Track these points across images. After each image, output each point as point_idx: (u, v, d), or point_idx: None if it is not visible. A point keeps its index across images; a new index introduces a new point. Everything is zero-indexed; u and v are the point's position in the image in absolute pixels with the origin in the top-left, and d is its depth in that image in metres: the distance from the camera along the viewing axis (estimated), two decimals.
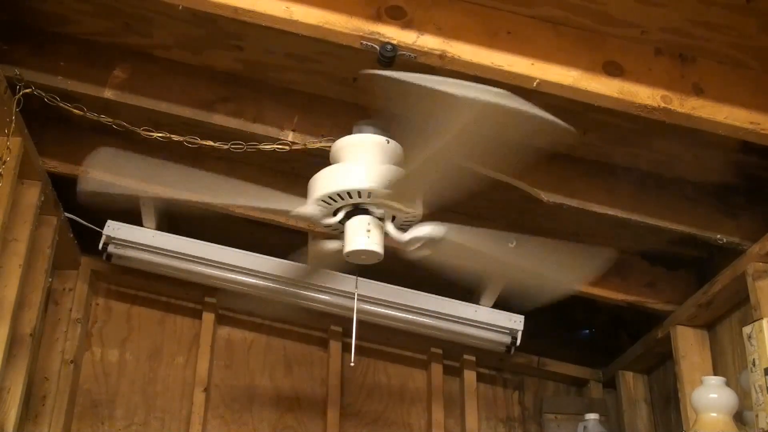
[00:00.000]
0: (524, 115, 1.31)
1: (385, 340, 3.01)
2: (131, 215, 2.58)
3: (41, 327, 2.59)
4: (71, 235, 2.68)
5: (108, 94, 2.07)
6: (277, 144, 2.09)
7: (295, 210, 1.80)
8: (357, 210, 1.80)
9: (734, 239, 2.13)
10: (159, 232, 2.59)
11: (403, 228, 1.80)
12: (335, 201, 1.77)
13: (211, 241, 2.59)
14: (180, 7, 1.67)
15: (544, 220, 2.37)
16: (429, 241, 1.79)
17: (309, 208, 1.79)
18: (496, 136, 1.41)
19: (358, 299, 2.02)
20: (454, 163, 1.57)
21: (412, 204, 1.74)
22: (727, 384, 2.12)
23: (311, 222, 1.84)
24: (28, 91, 2.05)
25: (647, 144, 2.03)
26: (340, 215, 1.81)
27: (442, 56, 1.64)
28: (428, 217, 1.79)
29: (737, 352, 2.28)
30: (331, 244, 1.87)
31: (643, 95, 1.68)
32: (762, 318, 1.95)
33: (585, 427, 2.77)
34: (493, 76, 1.67)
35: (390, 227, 1.80)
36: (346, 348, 2.96)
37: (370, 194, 1.73)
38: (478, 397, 3.00)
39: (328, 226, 1.83)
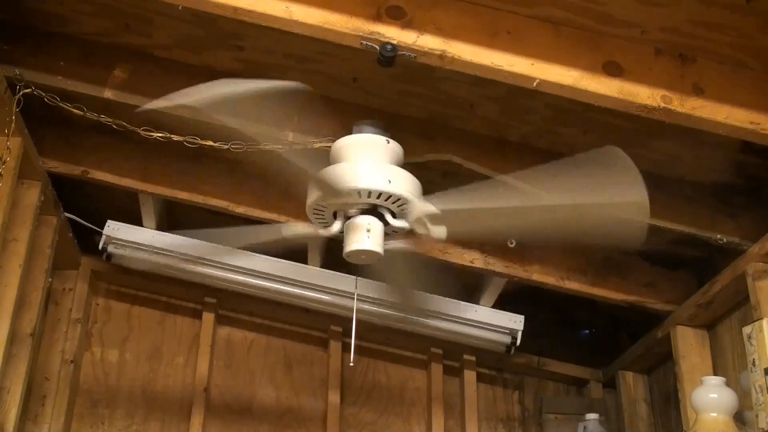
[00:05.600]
0: (254, 91, 1.38)
1: (385, 340, 3.01)
2: (131, 215, 2.58)
3: (41, 327, 2.59)
4: (71, 235, 2.68)
5: (108, 94, 2.07)
6: (277, 144, 2.09)
7: (288, 231, 1.80)
8: (357, 211, 1.80)
9: (734, 239, 2.13)
10: (159, 232, 2.59)
11: (404, 216, 1.81)
12: (325, 208, 1.77)
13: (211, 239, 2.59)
14: (180, 7, 1.67)
15: None
16: (433, 218, 1.78)
17: (300, 227, 1.80)
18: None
19: (358, 299, 2.02)
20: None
21: (339, 193, 1.74)
22: (727, 384, 2.12)
23: (309, 238, 1.84)
24: (28, 91, 2.05)
25: (647, 144, 2.03)
26: (341, 220, 1.81)
27: (442, 56, 1.64)
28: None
29: (737, 352, 2.28)
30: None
31: (643, 95, 1.68)
32: (762, 318, 1.95)
33: (585, 427, 2.77)
34: (493, 76, 1.67)
35: (393, 221, 1.80)
36: (346, 348, 2.96)
37: (361, 194, 1.73)
38: (478, 397, 3.00)
39: (336, 234, 1.83)
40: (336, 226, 1.82)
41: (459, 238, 2.08)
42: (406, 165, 1.84)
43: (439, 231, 1.80)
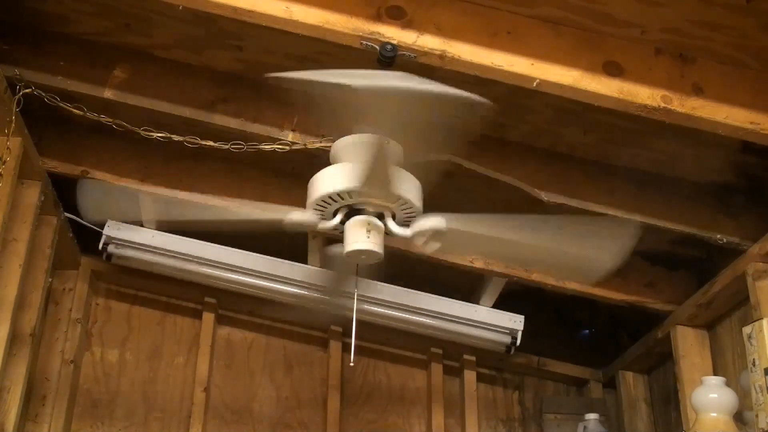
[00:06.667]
0: (429, 93, 1.33)
1: (385, 340, 3.01)
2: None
3: (41, 327, 2.59)
4: (71, 235, 2.68)
5: (108, 94, 2.07)
6: (277, 144, 2.09)
7: (288, 217, 1.80)
8: (356, 210, 1.80)
9: (734, 239, 2.13)
10: (159, 232, 2.59)
11: (406, 224, 1.81)
12: (333, 202, 1.77)
13: (211, 242, 2.59)
14: (180, 7, 1.67)
15: None
16: (435, 234, 1.79)
17: (303, 214, 1.79)
18: (416, 118, 1.43)
19: (358, 299, 2.02)
20: (400, 149, 1.63)
21: (391, 196, 1.73)
22: (727, 384, 2.12)
23: (308, 228, 1.84)
24: (28, 91, 2.05)
25: (647, 144, 2.04)
26: (340, 216, 1.81)
27: (442, 56, 1.64)
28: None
29: (737, 352, 2.28)
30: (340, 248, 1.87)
31: (643, 95, 1.68)
32: (762, 318, 1.95)
33: (585, 427, 2.77)
34: (493, 76, 1.67)
35: (392, 225, 1.80)
36: (346, 348, 2.96)
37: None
38: (478, 397, 3.00)
39: (331, 228, 1.83)
40: (334, 222, 1.82)
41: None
42: (406, 165, 1.84)
43: (433, 246, 1.82)
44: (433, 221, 1.77)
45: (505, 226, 1.78)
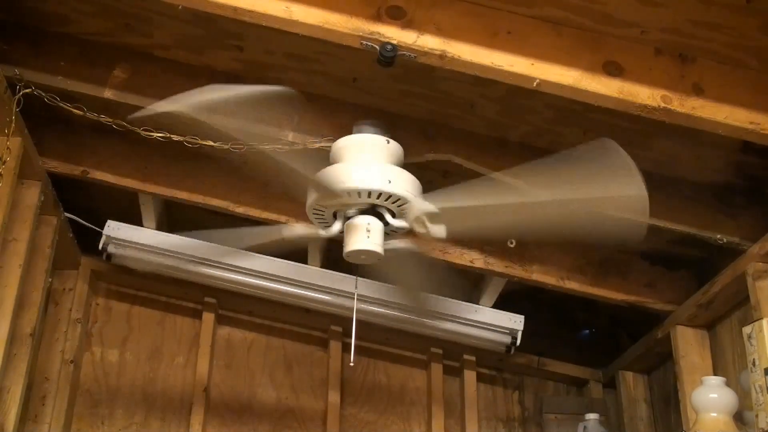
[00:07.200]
0: (246, 96, 1.43)
1: (385, 340, 3.01)
2: (131, 215, 2.58)
3: (41, 327, 2.59)
4: (71, 235, 2.68)
5: (108, 94, 2.07)
6: (277, 144, 2.09)
7: (289, 232, 1.81)
8: (355, 211, 1.80)
9: (734, 239, 2.13)
10: (159, 232, 2.59)
11: (403, 216, 1.81)
12: (327, 207, 1.77)
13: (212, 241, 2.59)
14: (180, 7, 1.67)
15: None
16: (432, 217, 1.78)
17: (303, 227, 1.80)
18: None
19: (358, 299, 2.02)
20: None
21: (336, 194, 1.74)
22: (727, 384, 2.12)
23: (311, 238, 1.84)
24: (28, 91, 2.05)
25: (647, 144, 2.04)
26: (340, 221, 1.81)
27: (442, 56, 1.64)
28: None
29: (737, 352, 2.28)
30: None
31: (643, 95, 1.68)
32: (762, 318, 1.95)
33: (585, 427, 2.77)
34: (493, 76, 1.67)
35: (393, 221, 1.80)
36: (346, 348, 2.96)
37: (361, 194, 1.73)
38: (478, 397, 3.00)
39: (335, 235, 1.83)
40: (336, 227, 1.82)
41: (459, 236, 2.07)
42: (406, 165, 1.84)
43: (439, 230, 1.80)
44: (421, 204, 1.77)
45: (501, 190, 1.66)
